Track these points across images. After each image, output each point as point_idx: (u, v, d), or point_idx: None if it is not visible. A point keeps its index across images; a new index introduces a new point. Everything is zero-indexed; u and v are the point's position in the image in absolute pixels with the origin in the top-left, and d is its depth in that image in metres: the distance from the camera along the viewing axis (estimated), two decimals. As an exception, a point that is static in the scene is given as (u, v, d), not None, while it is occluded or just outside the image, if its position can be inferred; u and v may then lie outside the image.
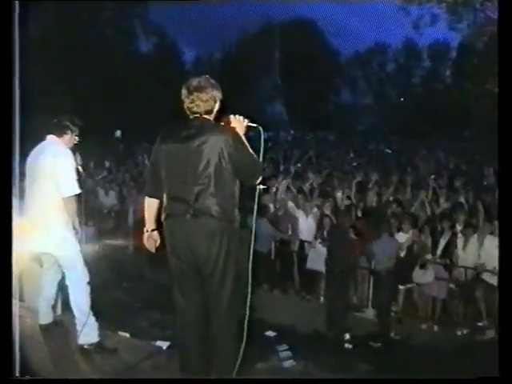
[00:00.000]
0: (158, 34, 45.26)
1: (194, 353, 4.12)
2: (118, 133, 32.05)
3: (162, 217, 4.06)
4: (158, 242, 4.30)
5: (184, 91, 3.94)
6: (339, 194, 13.81)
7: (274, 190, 13.69)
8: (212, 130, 3.89)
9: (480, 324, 10.33)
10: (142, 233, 4.23)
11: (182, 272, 4.03)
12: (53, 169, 4.92)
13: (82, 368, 4.50)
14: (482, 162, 22.57)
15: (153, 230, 4.26)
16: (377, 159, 26.05)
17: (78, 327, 5.09)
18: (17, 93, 3.89)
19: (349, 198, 13.26)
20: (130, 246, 13.86)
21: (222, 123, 4.04)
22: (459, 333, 10.38)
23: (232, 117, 4.07)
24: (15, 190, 5.16)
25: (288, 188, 13.97)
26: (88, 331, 5.09)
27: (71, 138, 5.23)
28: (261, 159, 4.05)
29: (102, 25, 36.13)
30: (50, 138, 5.15)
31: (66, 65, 28.00)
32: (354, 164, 23.59)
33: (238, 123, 4.05)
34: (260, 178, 4.06)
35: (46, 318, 5.31)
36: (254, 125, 4.16)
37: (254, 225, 4.12)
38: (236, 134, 3.93)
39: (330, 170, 19.27)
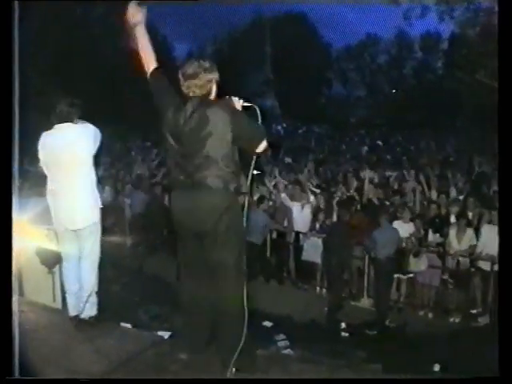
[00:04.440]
0: (149, 30, 44.94)
1: (197, 328, 4.32)
2: None
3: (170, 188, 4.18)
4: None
5: (180, 77, 3.99)
6: (335, 187, 13.97)
7: (269, 181, 13.81)
8: (211, 104, 3.93)
9: (474, 311, 10.46)
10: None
11: (186, 239, 4.13)
12: (90, 146, 5.15)
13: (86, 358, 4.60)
14: (473, 151, 22.73)
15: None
16: (369, 151, 26.15)
17: (82, 302, 5.24)
18: (16, 93, 3.98)
19: (345, 190, 13.43)
20: (128, 241, 13.95)
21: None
22: (453, 320, 10.55)
23: (227, 98, 4.15)
24: (15, 189, 5.28)
25: (282, 180, 14.14)
26: (91, 306, 5.28)
27: (77, 119, 5.30)
28: None
29: (94, 22, 35.97)
30: (61, 126, 5.20)
31: (57, 63, 27.89)
32: (348, 156, 23.74)
33: (234, 103, 4.14)
34: (264, 143, 4.06)
35: (75, 310, 5.37)
36: (249, 104, 4.21)
37: (245, 210, 4.16)
38: (234, 107, 4.02)
39: (324, 163, 19.43)
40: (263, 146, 4.09)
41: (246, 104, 4.21)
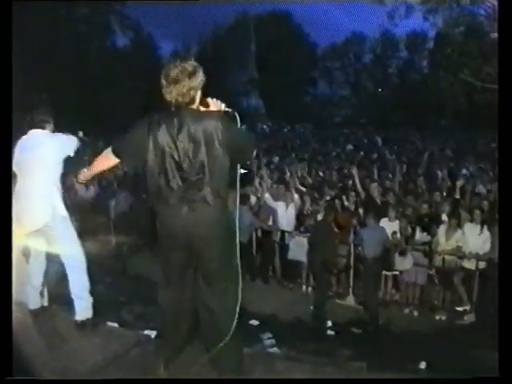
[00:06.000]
0: (134, 29, 44.89)
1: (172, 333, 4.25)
2: (81, 134, 32.17)
3: (155, 204, 3.94)
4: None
5: (163, 82, 3.78)
6: (320, 186, 13.98)
7: (255, 180, 13.79)
8: (199, 117, 3.76)
9: (460, 309, 10.51)
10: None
11: (174, 253, 3.98)
12: (55, 152, 5.22)
13: (72, 354, 4.58)
14: (457, 151, 22.82)
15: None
16: (355, 150, 26.15)
17: (77, 306, 5.20)
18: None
19: (331, 189, 13.46)
20: (112, 240, 13.87)
21: (202, 107, 3.92)
22: (439, 317, 10.60)
23: (210, 100, 3.97)
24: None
25: (265, 178, 14.15)
26: (85, 309, 5.24)
27: (50, 127, 5.43)
28: None
29: (79, 21, 35.88)
30: (33, 132, 5.29)
31: (42, 62, 27.79)
32: (333, 155, 23.75)
33: (216, 107, 3.96)
34: (254, 153, 4.05)
35: (35, 303, 5.51)
36: (229, 110, 4.00)
37: (237, 211, 4.11)
38: (223, 116, 3.82)
39: (309, 162, 19.44)
40: (253, 154, 4.06)
41: (226, 109, 4.02)
